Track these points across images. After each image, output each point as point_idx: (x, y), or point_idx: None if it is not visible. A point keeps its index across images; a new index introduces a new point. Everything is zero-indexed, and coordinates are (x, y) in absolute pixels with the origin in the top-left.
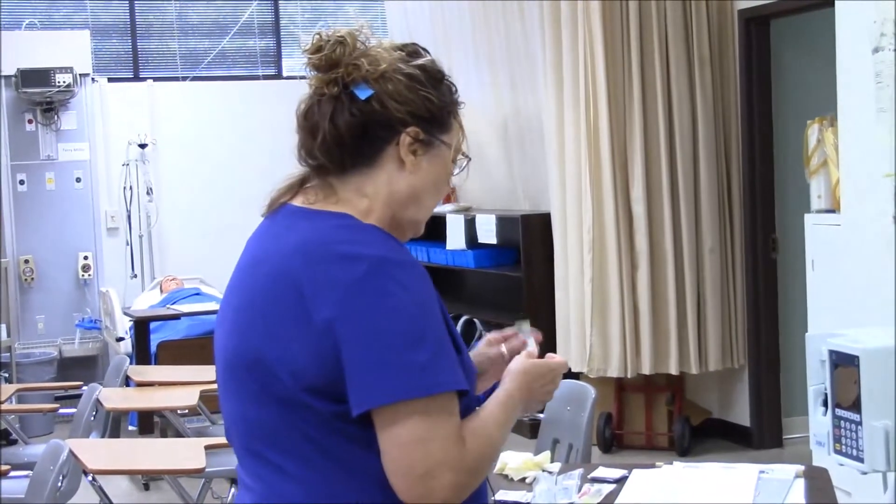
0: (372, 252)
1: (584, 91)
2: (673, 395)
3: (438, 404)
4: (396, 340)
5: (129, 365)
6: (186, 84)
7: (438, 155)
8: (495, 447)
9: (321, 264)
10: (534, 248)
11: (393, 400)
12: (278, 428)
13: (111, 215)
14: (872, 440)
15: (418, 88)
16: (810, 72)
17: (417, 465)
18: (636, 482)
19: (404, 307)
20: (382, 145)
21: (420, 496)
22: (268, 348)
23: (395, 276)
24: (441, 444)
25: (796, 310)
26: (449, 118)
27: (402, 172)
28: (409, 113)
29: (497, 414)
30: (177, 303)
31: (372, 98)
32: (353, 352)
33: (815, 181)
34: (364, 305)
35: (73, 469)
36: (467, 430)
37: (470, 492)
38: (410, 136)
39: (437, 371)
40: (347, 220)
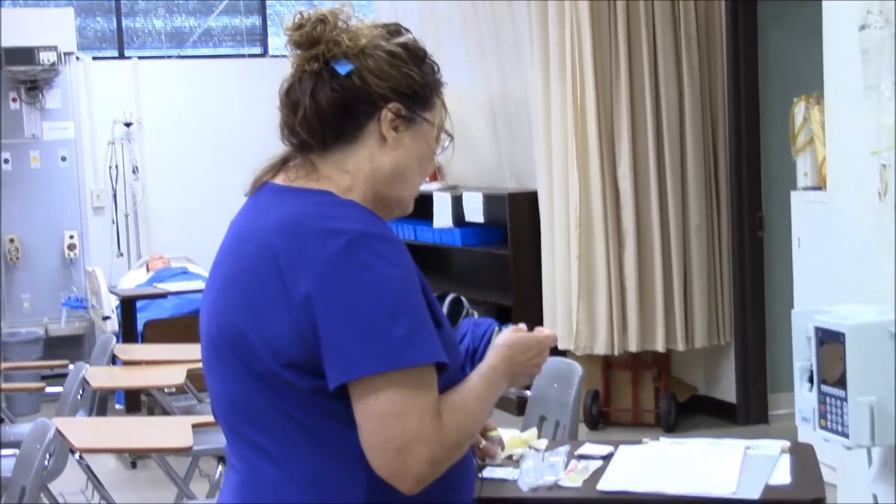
0: (351, 227)
1: (571, 69)
2: (659, 372)
3: (415, 378)
4: (374, 314)
5: (116, 344)
6: (172, 62)
7: (421, 132)
8: (475, 422)
9: (300, 240)
10: (521, 226)
11: (369, 372)
12: (259, 406)
13: (97, 194)
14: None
15: (400, 65)
16: (797, 49)
17: (393, 440)
18: (623, 458)
19: (382, 281)
20: (364, 121)
21: (396, 471)
22: (248, 325)
23: (373, 250)
24: (417, 419)
25: (782, 287)
26: (431, 96)
27: (384, 149)
28: (391, 89)
29: (478, 388)
30: (163, 281)
31: (352, 73)
32: (329, 325)
33: (802, 159)
34: (342, 279)
35: (60, 448)
36: (446, 404)
37: (446, 467)
38: (392, 111)
39: (414, 344)
40: (328, 196)
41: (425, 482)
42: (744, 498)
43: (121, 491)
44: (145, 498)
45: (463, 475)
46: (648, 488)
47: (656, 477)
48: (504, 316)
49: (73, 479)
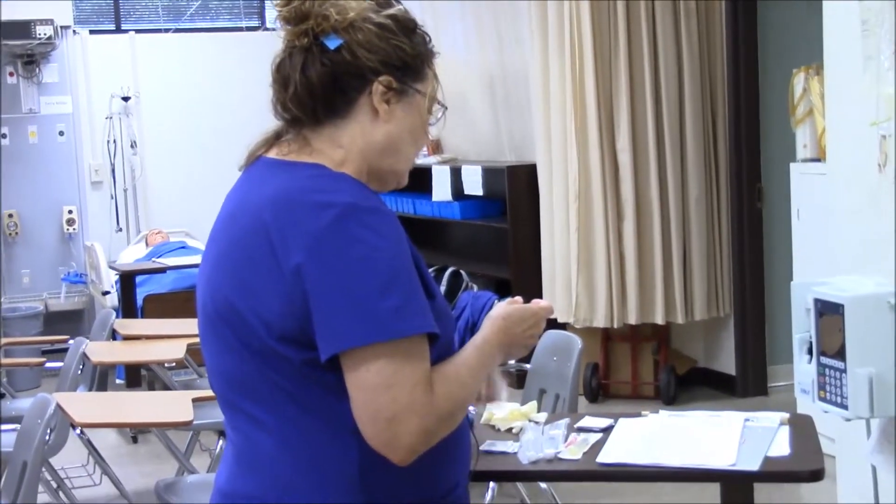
0: (342, 199)
1: (570, 41)
2: (659, 345)
3: (406, 349)
4: (364, 285)
5: (116, 319)
6: (169, 36)
7: (413, 103)
8: (467, 393)
9: (291, 213)
10: (520, 199)
11: (359, 343)
12: (253, 379)
13: (95, 169)
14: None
15: (389, 37)
16: (796, 20)
17: (384, 410)
18: (622, 431)
19: (373, 252)
20: (355, 95)
21: (387, 441)
22: (241, 299)
23: (364, 222)
24: (408, 389)
25: (782, 259)
26: (423, 67)
27: (376, 121)
28: (381, 62)
29: (472, 359)
30: (162, 256)
31: (342, 47)
32: (321, 297)
33: (801, 130)
34: (333, 251)
35: (61, 422)
36: (438, 374)
37: (439, 437)
38: (383, 84)
39: (404, 315)
40: (320, 170)
41: (417, 452)
42: (743, 469)
43: (122, 465)
44: (146, 472)
45: (457, 447)
46: (648, 461)
47: (656, 449)
48: (503, 289)
49: (75, 454)
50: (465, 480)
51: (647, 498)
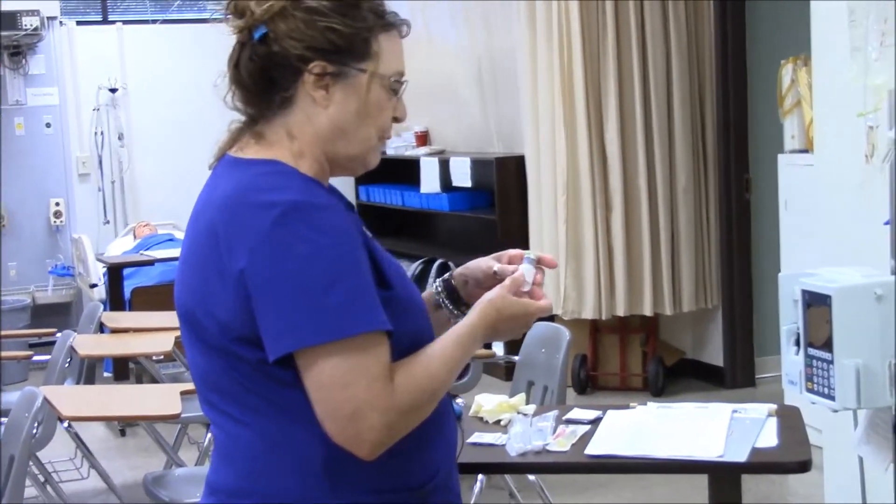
0: (284, 197)
1: (558, 32)
2: (647, 336)
3: (358, 345)
4: (307, 284)
5: (103, 311)
6: (156, 27)
7: (354, 84)
8: (436, 382)
9: (235, 215)
10: (508, 190)
11: (306, 344)
12: (219, 376)
13: (82, 161)
14: (843, 379)
15: (318, 20)
16: (784, 11)
17: (343, 408)
18: (610, 423)
19: (316, 250)
20: (290, 85)
21: (351, 438)
22: (197, 300)
23: (307, 220)
24: (365, 385)
25: (770, 250)
26: (365, 45)
27: (317, 108)
28: (308, 48)
29: (447, 348)
30: (150, 248)
31: (268, 39)
32: (265, 298)
33: (789, 121)
34: (275, 252)
35: (48, 416)
36: (402, 366)
37: (405, 430)
38: (314, 72)
39: (351, 313)
40: (273, 166)
41: (383, 446)
42: (731, 461)
43: (110, 459)
44: (134, 465)
45: (435, 436)
46: (636, 452)
47: (644, 441)
48: None
49: (62, 448)
50: (448, 467)
51: (636, 489)
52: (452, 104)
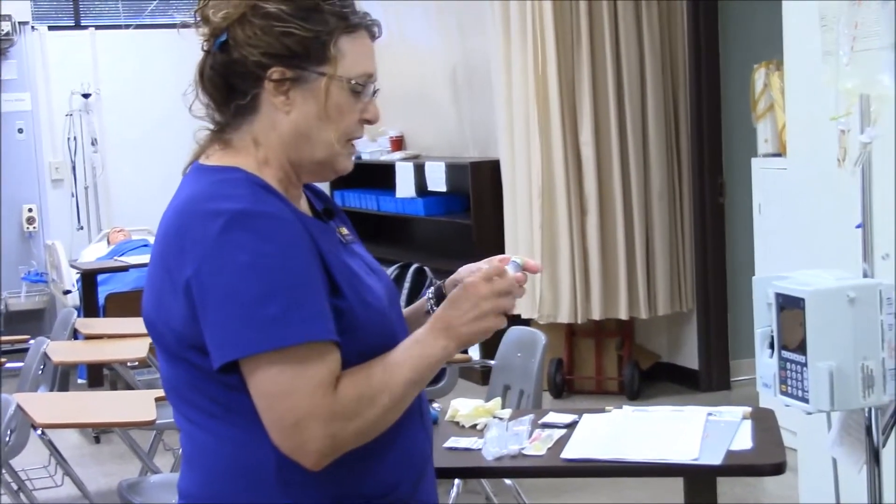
0: (231, 206)
1: (532, 36)
2: (622, 340)
3: (300, 354)
4: (247, 294)
5: (77, 318)
6: (129, 32)
7: (313, 88)
8: (386, 391)
9: (186, 222)
10: (483, 194)
11: (246, 353)
12: (179, 383)
13: (55, 166)
14: (817, 381)
15: (275, 26)
16: (757, 16)
17: (285, 418)
18: (586, 426)
19: (257, 260)
20: (251, 91)
21: (295, 448)
22: (155, 310)
23: (251, 229)
24: (306, 395)
25: (744, 253)
26: (323, 48)
27: (279, 114)
28: (266, 54)
29: (398, 355)
30: (124, 254)
31: (226, 47)
32: (207, 308)
33: (762, 125)
34: (217, 261)
35: (22, 423)
36: (348, 376)
37: (352, 440)
38: (273, 77)
39: (290, 323)
40: (230, 174)
41: (329, 456)
42: (706, 464)
43: (84, 466)
44: (109, 472)
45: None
46: (612, 455)
47: (620, 444)
48: None
49: (36, 455)
50: (411, 481)
51: (612, 493)
52: (427, 108)
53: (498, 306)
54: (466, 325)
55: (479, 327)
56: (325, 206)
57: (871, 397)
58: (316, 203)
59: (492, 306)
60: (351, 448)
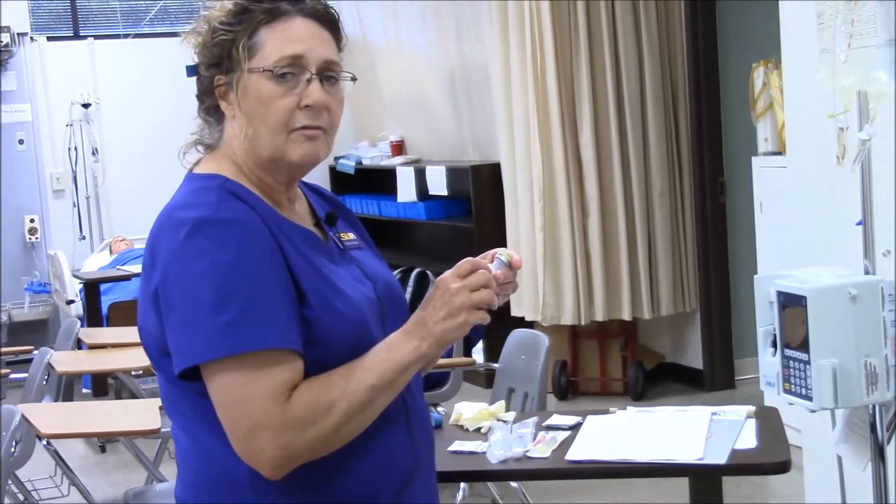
0: (195, 214)
1: (531, 38)
2: (626, 341)
3: (253, 362)
4: (201, 302)
5: (81, 327)
6: (128, 41)
7: (244, 86)
8: (344, 397)
9: (160, 232)
10: (484, 198)
11: (197, 361)
12: (165, 389)
13: (56, 177)
14: (820, 379)
15: (213, 37)
16: (755, 14)
17: (237, 427)
18: (590, 428)
19: (213, 267)
20: (213, 103)
21: (249, 457)
22: (140, 318)
23: (211, 236)
24: (258, 404)
25: (746, 252)
26: (233, 46)
27: (230, 120)
28: (208, 66)
29: (364, 360)
30: (127, 263)
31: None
32: (167, 315)
33: (762, 124)
34: (178, 269)
35: (27, 434)
36: (306, 383)
37: (308, 449)
38: (218, 84)
39: (244, 330)
40: (208, 181)
41: (283, 466)
42: (710, 463)
43: (90, 475)
44: (115, 481)
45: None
46: (616, 456)
47: (624, 445)
48: None
49: (42, 466)
50: (396, 486)
51: (617, 494)
52: (427, 113)
53: (471, 301)
54: (439, 322)
55: (452, 324)
56: (329, 211)
57: (874, 394)
58: (320, 207)
59: (463, 301)
60: (311, 457)
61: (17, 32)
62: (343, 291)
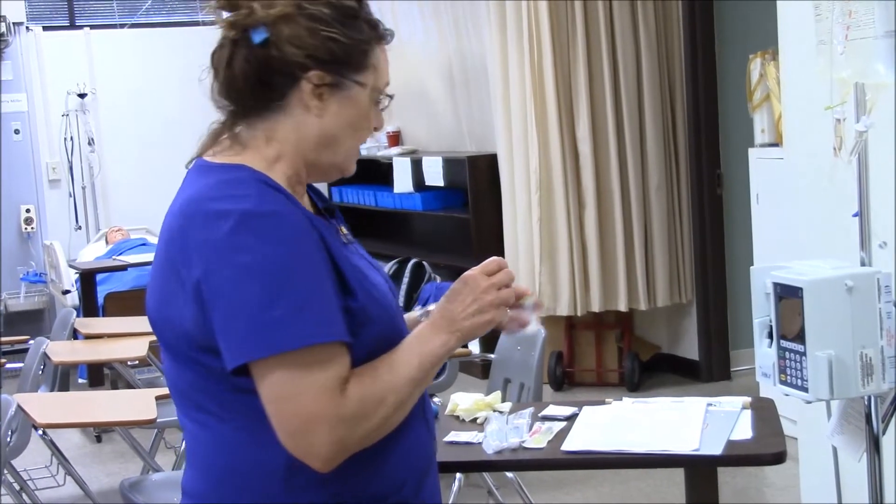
0: (237, 207)
1: (528, 30)
2: (622, 332)
3: (306, 358)
4: (251, 297)
5: (76, 318)
6: (124, 31)
7: (350, 96)
8: (392, 390)
9: (192, 224)
10: (481, 189)
11: (252, 357)
12: (186, 383)
13: (52, 167)
14: (816, 370)
15: (321, 30)
16: (752, 5)
17: (291, 421)
18: (586, 419)
19: (262, 262)
20: (285, 90)
21: (302, 452)
22: (164, 308)
23: (257, 230)
24: (311, 398)
25: (742, 244)
26: (364, 56)
27: (309, 117)
28: (309, 57)
29: (402, 353)
30: (123, 253)
31: (267, 42)
32: (216, 311)
33: (759, 115)
34: (223, 263)
35: (23, 424)
36: (356, 376)
37: (361, 441)
38: (312, 81)
39: (297, 326)
40: (236, 172)
41: (336, 459)
42: (706, 454)
43: (86, 465)
44: (111, 471)
45: (397, 446)
46: (612, 447)
47: (620, 436)
48: None
49: (38, 455)
50: (419, 478)
51: (613, 484)
52: (424, 104)
53: (499, 298)
54: (468, 318)
55: (481, 320)
56: (326, 205)
57: (870, 385)
58: (317, 202)
59: (493, 299)
60: (358, 450)
61: (12, 22)
62: (372, 280)
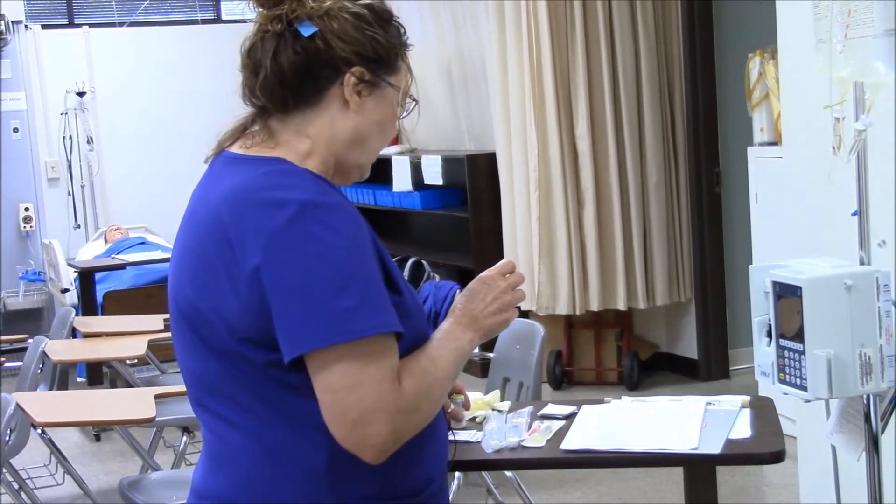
0: (297, 196)
1: (527, 29)
2: (621, 331)
3: (367, 348)
4: (320, 286)
5: (75, 316)
6: (123, 30)
7: (384, 96)
8: (438, 384)
9: (247, 213)
10: (480, 187)
11: (318, 346)
12: (218, 379)
13: (51, 165)
14: (815, 369)
15: (365, 28)
16: (751, 4)
17: (350, 411)
18: (585, 418)
19: (329, 251)
20: (326, 85)
21: (357, 442)
22: (203, 300)
23: (321, 220)
24: (373, 388)
25: (741, 242)
26: (396, 59)
27: (346, 113)
28: (355, 52)
29: (438, 349)
30: (122, 252)
31: (316, 36)
32: (278, 300)
33: (758, 114)
34: (288, 252)
35: (22, 423)
36: (405, 369)
37: (410, 434)
38: (356, 76)
39: (363, 315)
40: (279, 164)
41: (389, 451)
42: (705, 453)
43: (85, 464)
44: (110, 470)
45: (432, 442)
46: (611, 446)
47: (619, 435)
48: (465, 278)
49: (37, 454)
50: (442, 476)
51: (612, 483)
52: (423, 103)
53: (515, 298)
54: (490, 316)
55: (500, 318)
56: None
57: (869, 384)
58: None
59: (511, 299)
60: (405, 440)
61: (11, 20)
62: (400, 274)
